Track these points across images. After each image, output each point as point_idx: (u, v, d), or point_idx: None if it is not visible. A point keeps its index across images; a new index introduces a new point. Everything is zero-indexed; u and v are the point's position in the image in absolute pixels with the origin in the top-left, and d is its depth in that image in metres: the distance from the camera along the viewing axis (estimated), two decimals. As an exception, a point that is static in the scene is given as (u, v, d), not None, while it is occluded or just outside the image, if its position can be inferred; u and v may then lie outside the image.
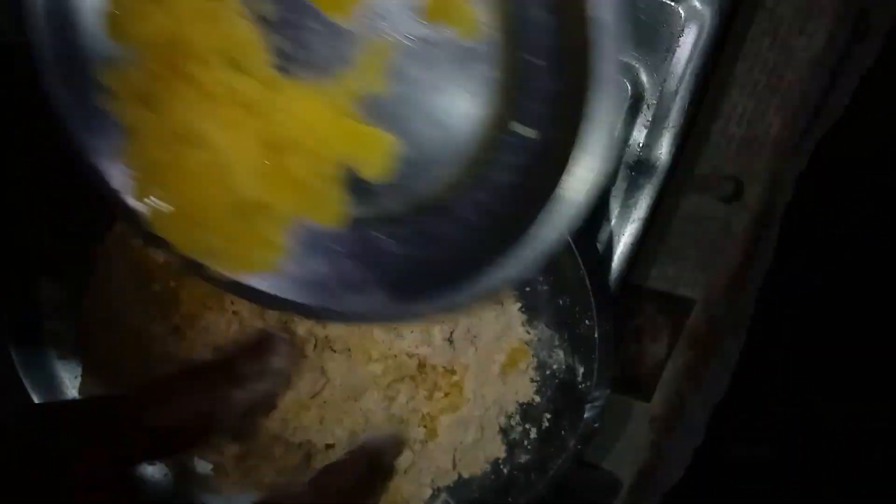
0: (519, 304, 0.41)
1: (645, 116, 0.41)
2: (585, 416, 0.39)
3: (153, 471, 0.42)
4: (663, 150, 0.41)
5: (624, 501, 0.52)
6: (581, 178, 0.27)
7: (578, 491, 0.51)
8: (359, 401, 0.39)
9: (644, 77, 0.40)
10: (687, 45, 0.39)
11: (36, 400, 0.41)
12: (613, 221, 0.43)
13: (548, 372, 0.41)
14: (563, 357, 0.40)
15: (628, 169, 0.42)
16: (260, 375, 0.35)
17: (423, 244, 0.32)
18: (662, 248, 0.47)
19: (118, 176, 0.30)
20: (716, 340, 0.51)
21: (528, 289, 0.40)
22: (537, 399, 0.41)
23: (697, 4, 0.38)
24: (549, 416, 0.41)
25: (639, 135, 0.41)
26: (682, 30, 0.39)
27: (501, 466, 0.42)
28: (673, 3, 0.38)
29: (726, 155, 0.42)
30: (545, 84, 0.28)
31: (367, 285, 0.31)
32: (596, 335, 0.38)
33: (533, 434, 0.41)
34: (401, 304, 0.31)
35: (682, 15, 0.38)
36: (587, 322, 0.38)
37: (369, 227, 0.32)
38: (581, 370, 0.39)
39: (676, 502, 0.54)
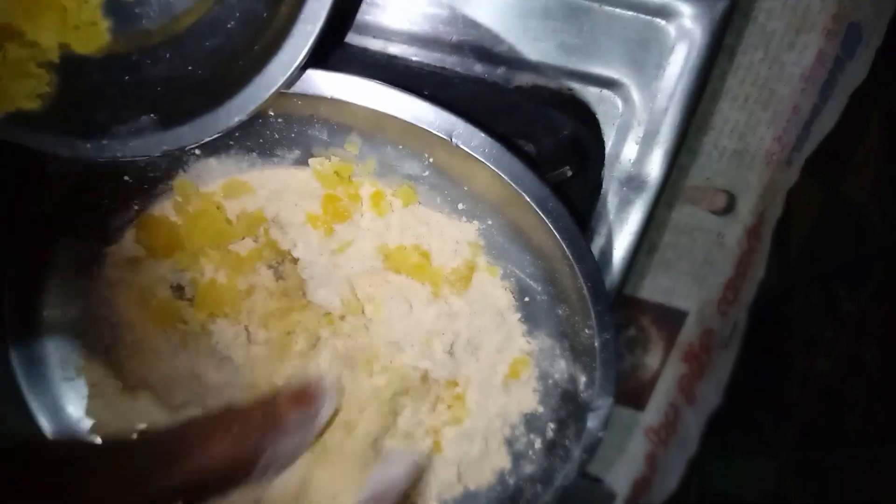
0: (519, 315, 0.40)
1: (636, 133, 0.41)
2: (589, 424, 0.39)
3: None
4: (655, 165, 0.42)
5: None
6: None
7: (573, 503, 0.51)
8: (364, 413, 0.39)
9: (634, 94, 0.40)
10: (677, 62, 0.39)
11: (42, 422, 0.40)
12: (606, 235, 0.43)
13: (550, 382, 0.41)
14: (564, 366, 0.40)
15: (620, 184, 0.42)
16: (299, 426, 0.33)
17: (185, 62, 0.31)
18: (655, 260, 0.47)
19: None
20: (709, 352, 0.52)
21: (527, 299, 0.40)
22: (541, 409, 0.41)
23: (687, 23, 0.38)
24: (553, 425, 0.41)
25: (630, 151, 0.41)
26: (673, 47, 0.39)
27: (507, 478, 0.42)
28: (663, 21, 0.39)
29: (718, 167, 0.42)
30: None
31: (135, 115, 0.30)
32: (596, 344, 0.38)
33: (538, 444, 0.41)
34: (171, 131, 0.30)
35: (672, 33, 0.39)
36: (587, 331, 0.38)
37: (132, 53, 0.31)
38: (583, 379, 0.39)
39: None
